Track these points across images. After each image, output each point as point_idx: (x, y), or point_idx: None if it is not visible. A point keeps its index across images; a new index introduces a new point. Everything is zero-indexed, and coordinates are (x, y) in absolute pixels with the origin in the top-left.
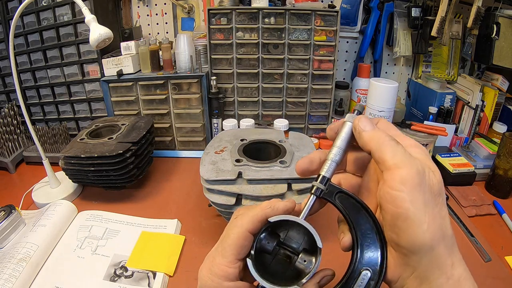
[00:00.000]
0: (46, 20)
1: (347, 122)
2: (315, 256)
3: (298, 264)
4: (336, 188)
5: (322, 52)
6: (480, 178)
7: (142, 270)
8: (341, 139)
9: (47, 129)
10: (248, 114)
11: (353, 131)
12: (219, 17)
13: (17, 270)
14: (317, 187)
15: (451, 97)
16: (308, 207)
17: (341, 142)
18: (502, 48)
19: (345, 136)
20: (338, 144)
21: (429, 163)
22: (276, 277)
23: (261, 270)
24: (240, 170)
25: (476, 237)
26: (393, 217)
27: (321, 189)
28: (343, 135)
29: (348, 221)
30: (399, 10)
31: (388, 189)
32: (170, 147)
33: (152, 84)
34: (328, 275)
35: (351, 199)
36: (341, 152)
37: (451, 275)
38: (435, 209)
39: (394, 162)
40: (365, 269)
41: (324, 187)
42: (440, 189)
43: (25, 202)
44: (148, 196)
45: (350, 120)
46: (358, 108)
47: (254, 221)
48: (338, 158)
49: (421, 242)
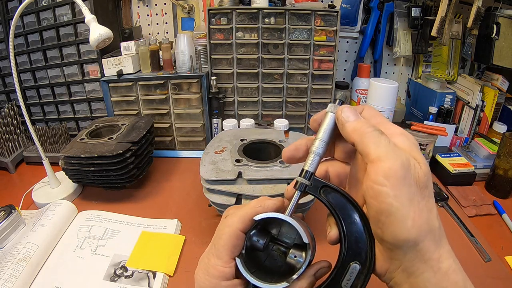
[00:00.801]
0: (46, 20)
1: (329, 113)
2: (305, 251)
3: (289, 260)
4: (321, 182)
5: (322, 52)
6: (480, 178)
7: (142, 270)
8: (323, 131)
9: (47, 129)
10: (248, 114)
11: (336, 121)
12: (219, 17)
13: (17, 270)
14: (301, 183)
15: (451, 97)
16: (293, 203)
17: (323, 134)
18: (502, 48)
19: (327, 127)
20: (320, 137)
21: (415, 153)
22: (271, 273)
23: (255, 267)
24: (240, 170)
25: (476, 237)
26: (377, 212)
27: (305, 184)
28: (325, 127)
29: (334, 215)
30: (399, 10)
31: (371, 184)
32: (170, 147)
33: (152, 84)
34: (324, 267)
35: (336, 193)
36: (324, 145)
37: (438, 268)
38: (421, 202)
39: (377, 155)
40: (354, 262)
41: (308, 182)
42: (426, 181)
43: (25, 202)
44: (148, 196)
45: (332, 111)
46: (340, 97)
47: (245, 219)
48: (321, 151)
49: (406, 237)
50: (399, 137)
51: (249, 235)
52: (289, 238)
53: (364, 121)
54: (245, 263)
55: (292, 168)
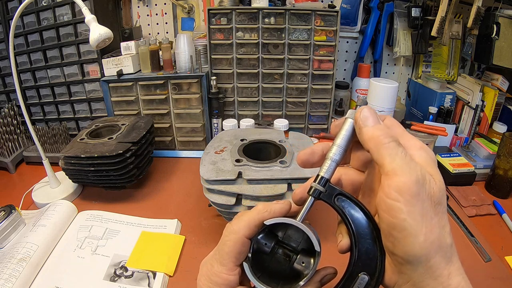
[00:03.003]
0: (46, 20)
1: (348, 119)
2: (314, 258)
3: (296, 266)
4: (336, 190)
5: (322, 52)
6: (480, 178)
7: (142, 270)
8: (342, 137)
9: (47, 129)
10: (248, 114)
11: (354, 125)
12: (219, 17)
13: (17, 270)
14: (315, 189)
15: (451, 97)
16: (306, 209)
17: (342, 141)
18: (502, 48)
19: (346, 133)
20: (338, 143)
21: (431, 168)
22: (275, 277)
23: (260, 271)
24: (240, 170)
25: (476, 237)
26: (388, 226)
27: (320, 191)
28: (344, 133)
29: (347, 224)
30: (399, 10)
31: (384, 197)
32: (170, 147)
33: (152, 84)
34: (330, 273)
35: (350, 202)
36: (342, 151)
37: (448, 285)
38: (434, 219)
39: (392, 168)
40: (363, 274)
41: (323, 188)
42: (440, 198)
43: (25, 202)
44: (148, 196)
45: (352, 117)
46: (361, 104)
47: (251, 226)
48: (339, 158)
49: (417, 253)
50: (418, 151)
51: (256, 238)
52: (295, 241)
53: (382, 129)
54: (252, 267)
55: (292, 168)
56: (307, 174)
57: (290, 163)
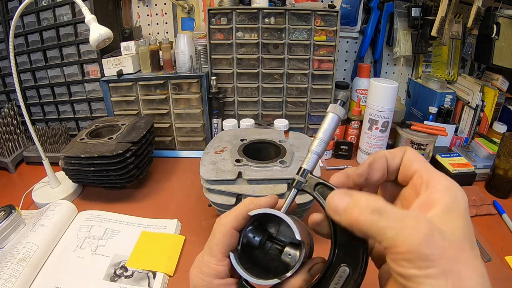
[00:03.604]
0: (46, 20)
1: (329, 113)
2: (300, 250)
3: (284, 258)
4: (316, 180)
5: (322, 52)
6: (480, 178)
7: (142, 270)
8: (323, 131)
9: (47, 129)
10: (248, 114)
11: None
12: (219, 17)
13: (17, 270)
14: (297, 180)
15: (451, 97)
16: (289, 200)
17: (323, 134)
18: (502, 48)
19: (327, 127)
20: (319, 136)
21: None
22: (267, 272)
23: (250, 264)
24: (240, 170)
25: (476, 237)
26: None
27: (301, 182)
28: (325, 126)
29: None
30: (399, 10)
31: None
32: (170, 147)
33: (152, 84)
34: (318, 262)
35: (331, 190)
36: (323, 144)
37: None
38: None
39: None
40: (344, 265)
41: (304, 180)
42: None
43: (25, 202)
44: (148, 196)
45: (332, 111)
46: (342, 97)
47: (238, 218)
48: (320, 150)
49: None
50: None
51: (245, 231)
52: (287, 237)
53: (355, 207)
54: (240, 259)
55: (292, 168)
56: None
57: (290, 163)
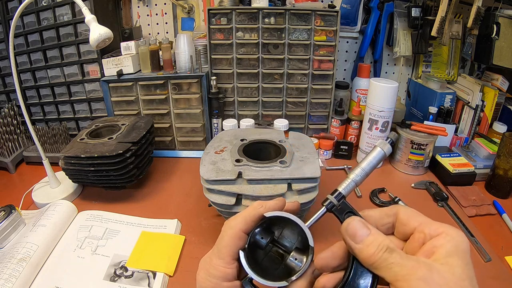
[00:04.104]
0: (46, 20)
1: (377, 148)
2: (307, 255)
3: (289, 262)
4: (348, 207)
5: (322, 52)
6: (480, 178)
7: (142, 270)
8: (368, 161)
9: (47, 129)
10: (248, 114)
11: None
12: (219, 17)
13: (17, 270)
14: (330, 201)
15: (451, 97)
16: (316, 217)
17: (367, 165)
18: (502, 48)
19: (372, 159)
20: (363, 166)
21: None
22: (266, 274)
23: (253, 265)
24: (240, 170)
25: (476, 237)
26: None
27: (334, 204)
28: (370, 159)
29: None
30: (399, 10)
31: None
32: (170, 147)
33: (152, 84)
34: None
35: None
36: (363, 174)
37: None
38: None
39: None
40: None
41: (337, 203)
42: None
43: (25, 202)
44: (148, 196)
45: (381, 147)
46: (392, 136)
47: (247, 220)
48: (359, 179)
49: None
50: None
51: (253, 232)
52: (289, 242)
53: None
54: (247, 258)
55: (292, 168)
56: (306, 174)
57: (290, 163)
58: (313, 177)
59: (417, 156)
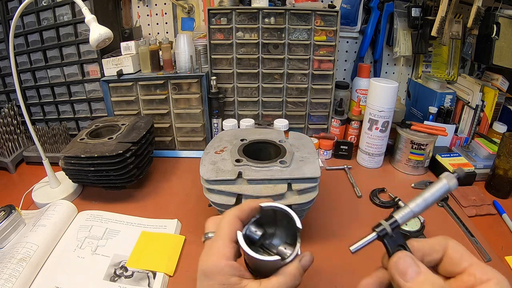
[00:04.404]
0: (46, 20)
1: (443, 180)
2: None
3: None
4: (401, 240)
5: (322, 52)
6: (480, 178)
7: (142, 270)
8: (431, 193)
9: (47, 129)
10: (248, 114)
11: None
12: (219, 17)
13: (17, 270)
14: (383, 228)
15: (451, 97)
16: (364, 242)
17: (429, 196)
18: (502, 48)
19: (435, 191)
20: (425, 196)
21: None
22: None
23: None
24: (240, 170)
25: (476, 237)
26: None
27: (387, 232)
28: (433, 190)
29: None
30: (399, 10)
31: None
32: (170, 147)
33: (152, 84)
34: (306, 255)
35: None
36: (424, 205)
37: None
38: None
39: None
40: None
41: (391, 231)
42: None
43: (25, 202)
44: (148, 196)
45: (446, 180)
46: (459, 171)
47: (242, 209)
48: (418, 210)
49: None
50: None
51: (248, 226)
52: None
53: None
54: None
55: (292, 168)
56: (306, 174)
57: (290, 163)
58: (313, 177)
59: (417, 156)
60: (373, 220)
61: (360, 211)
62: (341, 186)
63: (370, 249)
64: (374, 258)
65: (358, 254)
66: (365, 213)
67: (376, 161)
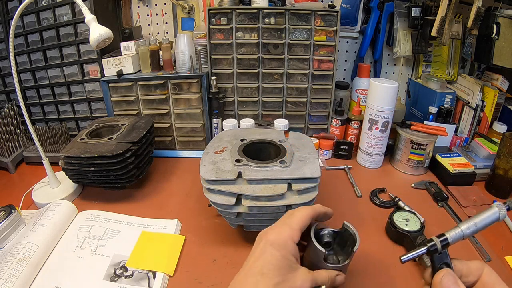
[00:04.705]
0: (46, 20)
1: (495, 207)
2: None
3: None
4: (447, 259)
5: (322, 52)
6: (480, 178)
7: (142, 270)
8: (481, 218)
9: (47, 129)
10: (248, 114)
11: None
12: (219, 17)
13: (17, 270)
14: (434, 244)
15: (451, 97)
16: (414, 254)
17: (480, 221)
18: (502, 48)
19: (486, 218)
20: (476, 220)
21: None
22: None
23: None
24: (240, 170)
25: (476, 237)
26: None
27: (436, 248)
28: (484, 216)
29: None
30: (399, 10)
31: None
32: (170, 147)
33: (152, 84)
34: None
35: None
36: (474, 229)
37: None
38: None
39: None
40: None
41: (440, 249)
42: None
43: (25, 202)
44: (148, 196)
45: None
46: (510, 204)
47: (316, 210)
48: (468, 233)
49: None
50: None
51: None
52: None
53: None
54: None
55: (292, 168)
56: (306, 174)
57: (290, 163)
58: (313, 177)
59: (417, 156)
60: (373, 220)
61: (360, 211)
62: (341, 186)
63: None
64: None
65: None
66: (365, 213)
67: (376, 161)
